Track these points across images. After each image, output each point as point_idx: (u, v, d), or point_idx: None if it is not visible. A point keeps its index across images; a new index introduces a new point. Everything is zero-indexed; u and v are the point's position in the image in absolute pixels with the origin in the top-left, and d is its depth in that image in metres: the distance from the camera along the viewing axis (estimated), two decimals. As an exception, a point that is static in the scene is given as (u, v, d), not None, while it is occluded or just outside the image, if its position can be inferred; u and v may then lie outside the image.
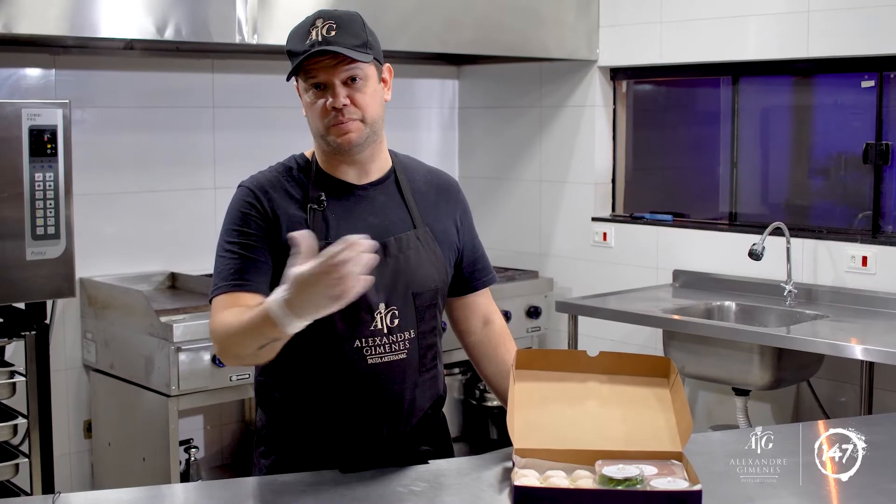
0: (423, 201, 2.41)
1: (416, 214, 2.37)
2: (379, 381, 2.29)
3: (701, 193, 5.06)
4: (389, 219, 2.34)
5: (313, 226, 2.25)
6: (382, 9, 4.27)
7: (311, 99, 2.26)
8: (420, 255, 2.34)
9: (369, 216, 2.32)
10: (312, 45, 2.21)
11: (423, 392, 2.37)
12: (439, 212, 2.43)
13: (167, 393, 3.93)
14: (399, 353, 2.30)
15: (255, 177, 2.35)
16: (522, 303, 4.94)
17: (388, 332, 2.28)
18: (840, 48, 4.26)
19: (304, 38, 2.23)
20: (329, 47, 2.20)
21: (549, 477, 2.14)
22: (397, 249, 2.31)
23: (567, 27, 4.92)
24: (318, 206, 2.28)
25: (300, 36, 2.25)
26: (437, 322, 2.40)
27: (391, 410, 2.30)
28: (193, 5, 3.84)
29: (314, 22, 2.24)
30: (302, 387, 2.31)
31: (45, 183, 3.54)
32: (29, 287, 3.58)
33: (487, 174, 5.57)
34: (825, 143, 4.70)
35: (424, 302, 2.34)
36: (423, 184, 2.44)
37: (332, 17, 2.25)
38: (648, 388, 2.38)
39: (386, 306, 2.28)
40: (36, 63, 4.24)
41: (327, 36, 2.21)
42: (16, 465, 3.66)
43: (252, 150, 4.75)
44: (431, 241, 2.37)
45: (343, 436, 2.30)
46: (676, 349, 4.23)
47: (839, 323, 3.99)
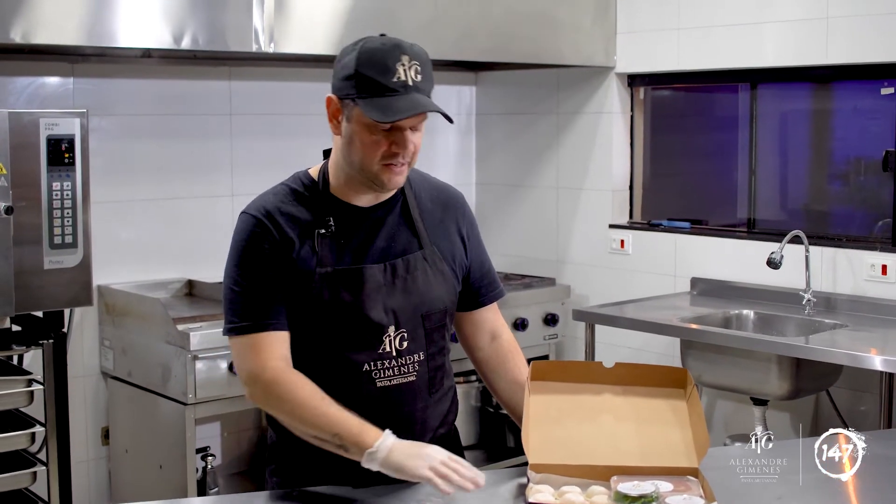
0: (430, 220, 2.38)
1: (423, 234, 2.35)
2: (388, 404, 2.28)
3: (719, 200, 5.04)
4: (397, 240, 2.32)
5: (321, 251, 2.23)
6: (399, 17, 4.27)
7: (372, 136, 2.17)
8: (428, 275, 2.33)
9: (377, 239, 2.30)
10: (403, 88, 2.13)
11: (434, 412, 2.37)
12: (446, 229, 2.41)
13: (184, 401, 3.93)
14: (408, 376, 2.30)
15: (258, 202, 2.29)
16: (539, 310, 4.92)
17: (397, 354, 2.28)
18: (859, 55, 4.23)
19: (389, 74, 2.13)
20: (427, 108, 2.14)
21: (565, 493, 2.14)
22: (405, 271, 2.29)
23: (584, 34, 4.91)
24: (326, 232, 2.25)
25: (382, 68, 2.13)
26: (446, 342, 2.39)
27: (402, 433, 2.26)
28: (210, 15, 3.85)
29: (399, 58, 2.15)
30: None
31: (62, 192, 3.55)
32: (46, 296, 3.58)
33: (505, 181, 5.56)
34: (844, 151, 4.67)
35: (433, 323, 2.33)
36: (429, 201, 2.41)
37: (416, 56, 2.17)
38: (665, 399, 2.37)
39: (395, 329, 2.27)
40: (54, 72, 4.26)
41: (417, 81, 2.14)
42: (34, 472, 3.66)
43: (269, 157, 4.76)
44: (439, 261, 2.36)
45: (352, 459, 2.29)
46: (694, 358, 4.21)
47: (858, 332, 3.96)
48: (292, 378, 2.20)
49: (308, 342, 2.26)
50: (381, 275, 2.26)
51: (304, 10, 4.04)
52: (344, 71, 2.18)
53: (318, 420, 2.16)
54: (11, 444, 3.62)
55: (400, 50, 2.15)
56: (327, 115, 2.24)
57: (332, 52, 4.17)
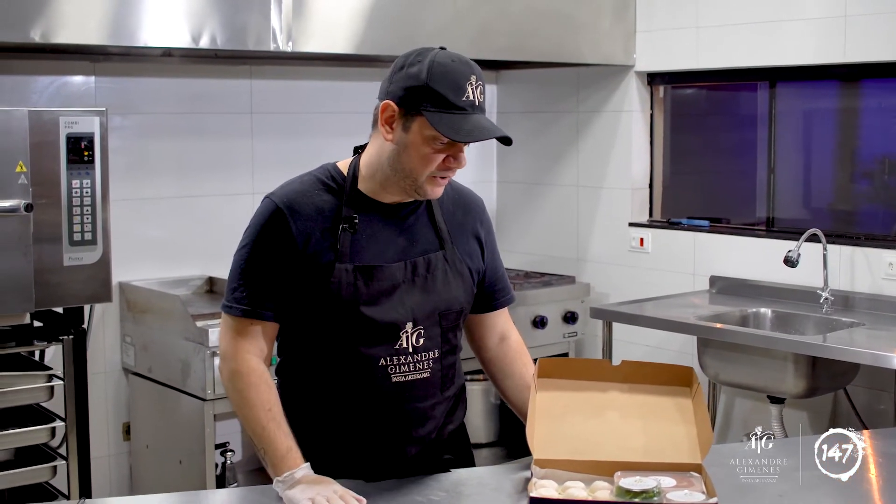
0: (452, 221, 2.41)
1: (444, 235, 2.38)
2: (402, 399, 2.31)
3: (738, 199, 5.03)
4: (418, 239, 2.34)
5: (342, 246, 2.26)
6: (419, 17, 4.29)
7: (431, 149, 2.20)
8: (448, 275, 2.35)
9: (398, 237, 2.33)
10: (472, 108, 2.18)
11: (444, 408, 2.40)
12: (465, 231, 2.44)
13: (203, 397, 3.97)
14: (422, 373, 2.32)
15: (284, 190, 2.32)
16: (559, 308, 4.93)
17: (413, 351, 2.30)
18: (878, 53, 4.21)
19: (461, 93, 2.16)
20: (499, 133, 2.22)
21: (568, 488, 2.15)
22: (425, 270, 2.32)
23: (603, 33, 4.91)
24: (350, 228, 2.28)
25: (455, 86, 2.17)
26: (459, 341, 2.43)
27: (413, 427, 2.32)
28: (229, 14, 3.88)
29: (469, 77, 2.18)
30: (326, 402, 2.33)
31: (81, 189, 3.59)
32: (66, 292, 3.62)
33: (525, 179, 5.57)
34: (863, 149, 4.65)
35: (450, 323, 2.36)
36: (451, 203, 2.44)
37: (481, 77, 2.21)
38: (670, 397, 2.38)
39: (413, 326, 2.30)
40: (76, 71, 4.31)
41: (481, 102, 2.20)
42: (53, 467, 3.71)
43: (289, 155, 4.79)
44: (459, 262, 2.39)
45: (365, 451, 2.33)
46: (711, 356, 4.21)
47: (876, 331, 3.94)
48: (255, 379, 2.27)
49: (325, 335, 2.29)
50: (400, 273, 2.29)
51: (322, 10, 4.07)
52: (410, 81, 2.18)
53: (255, 429, 2.24)
54: (32, 439, 3.68)
55: (470, 69, 2.19)
56: (379, 119, 2.24)
57: (350, 51, 4.20)
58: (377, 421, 2.30)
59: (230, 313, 2.30)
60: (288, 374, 2.41)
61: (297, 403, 2.36)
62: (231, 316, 2.30)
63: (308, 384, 2.35)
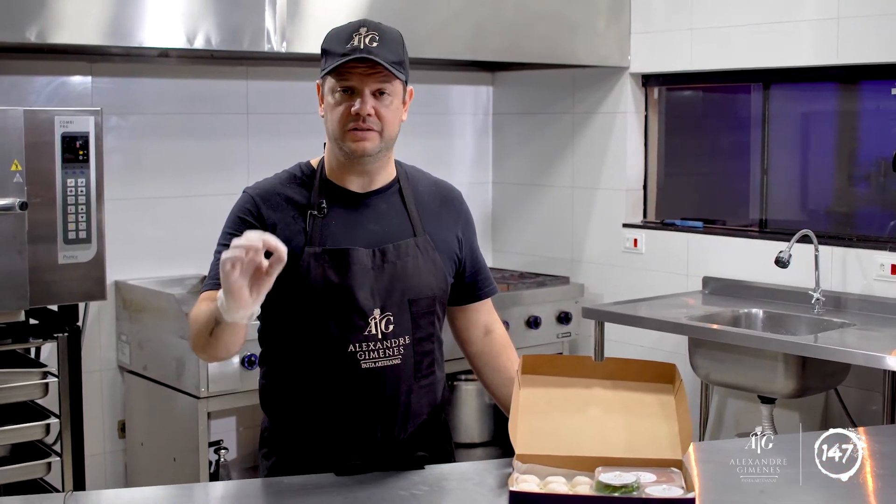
0: (426, 210, 2.44)
1: (416, 223, 2.41)
2: (373, 385, 2.33)
3: (732, 200, 5.05)
4: (389, 226, 2.38)
5: (312, 231, 2.31)
6: (414, 18, 4.31)
7: (336, 100, 2.30)
8: (418, 262, 2.38)
9: (369, 223, 2.37)
10: (354, 51, 2.26)
11: (420, 398, 2.41)
12: (441, 222, 2.46)
13: (197, 395, 4.00)
14: (393, 359, 2.34)
15: (259, 183, 2.42)
16: (553, 308, 4.96)
17: (383, 337, 2.32)
18: (870, 55, 4.23)
19: (345, 42, 2.27)
20: (371, 56, 2.25)
21: (549, 483, 2.17)
22: (395, 256, 2.35)
23: (598, 34, 4.94)
24: (318, 213, 2.34)
25: (341, 38, 2.29)
26: (435, 330, 2.43)
27: (385, 414, 2.34)
28: (224, 15, 3.91)
29: (358, 28, 2.29)
30: (300, 390, 2.36)
31: (76, 188, 3.62)
32: (61, 290, 3.65)
33: (520, 180, 5.59)
34: (856, 151, 4.67)
35: (421, 309, 2.37)
36: (426, 194, 2.47)
37: (376, 28, 2.30)
38: (653, 394, 2.39)
39: (381, 312, 2.32)
40: (73, 71, 4.34)
41: (369, 45, 2.26)
42: (48, 463, 3.74)
43: (285, 155, 4.71)
44: (431, 250, 2.41)
45: (338, 438, 2.35)
46: (702, 356, 4.23)
47: (867, 331, 3.96)
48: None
49: (297, 322, 2.33)
50: (368, 258, 2.32)
51: (316, 11, 4.09)
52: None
53: (201, 317, 2.20)
54: (26, 435, 3.70)
55: (362, 24, 2.31)
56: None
57: (344, 51, 4.22)
58: (348, 407, 2.32)
59: (204, 289, 2.33)
60: (268, 363, 2.45)
61: (276, 391, 2.40)
62: (204, 292, 2.32)
63: (285, 371, 2.39)
